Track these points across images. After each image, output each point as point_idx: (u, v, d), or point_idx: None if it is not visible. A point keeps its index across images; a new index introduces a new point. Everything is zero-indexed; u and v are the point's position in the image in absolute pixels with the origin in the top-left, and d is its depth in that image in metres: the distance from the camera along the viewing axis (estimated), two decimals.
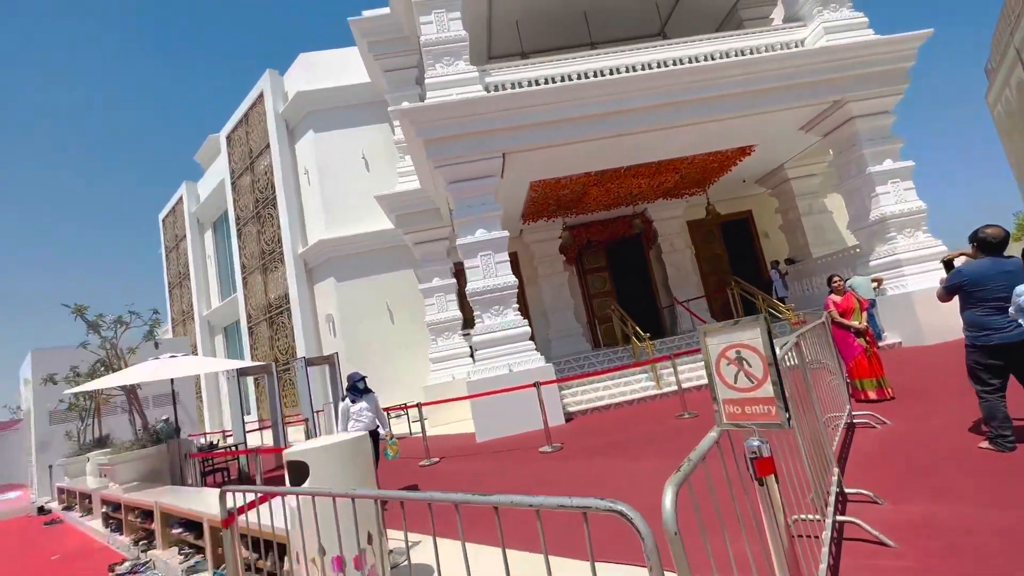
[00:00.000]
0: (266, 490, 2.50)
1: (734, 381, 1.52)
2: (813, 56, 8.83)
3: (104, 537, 6.46)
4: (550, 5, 12.09)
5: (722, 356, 1.53)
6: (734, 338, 1.51)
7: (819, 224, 12.77)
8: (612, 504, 1.09)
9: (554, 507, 1.19)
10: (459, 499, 1.44)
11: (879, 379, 5.09)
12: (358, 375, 5.47)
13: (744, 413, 1.51)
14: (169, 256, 23.84)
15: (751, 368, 1.47)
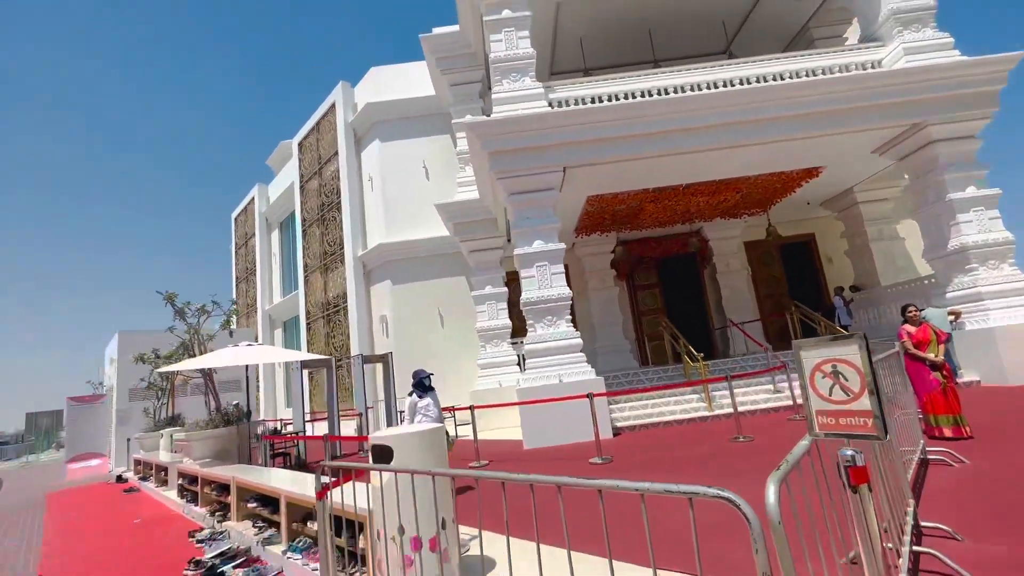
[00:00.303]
0: (361, 466, 2.74)
1: (828, 393, 1.59)
2: (892, 77, 8.53)
3: (180, 507, 7.02)
4: (615, 23, 12.26)
5: (817, 369, 1.61)
6: (831, 353, 1.58)
7: (889, 251, 12.15)
8: (720, 491, 1.20)
9: (660, 492, 1.31)
10: (562, 482, 1.58)
11: (956, 416, 4.84)
12: (424, 372, 5.70)
13: (838, 424, 1.58)
14: (238, 252, 25.50)
15: (847, 382, 1.54)
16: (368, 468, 2.69)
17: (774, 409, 8.25)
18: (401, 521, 2.74)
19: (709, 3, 11.99)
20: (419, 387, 5.58)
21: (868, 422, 1.48)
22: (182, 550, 4.96)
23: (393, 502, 2.72)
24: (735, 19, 12.72)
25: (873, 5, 9.63)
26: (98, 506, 8.61)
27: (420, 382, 5.60)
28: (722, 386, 9.05)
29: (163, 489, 8.45)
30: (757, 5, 12.25)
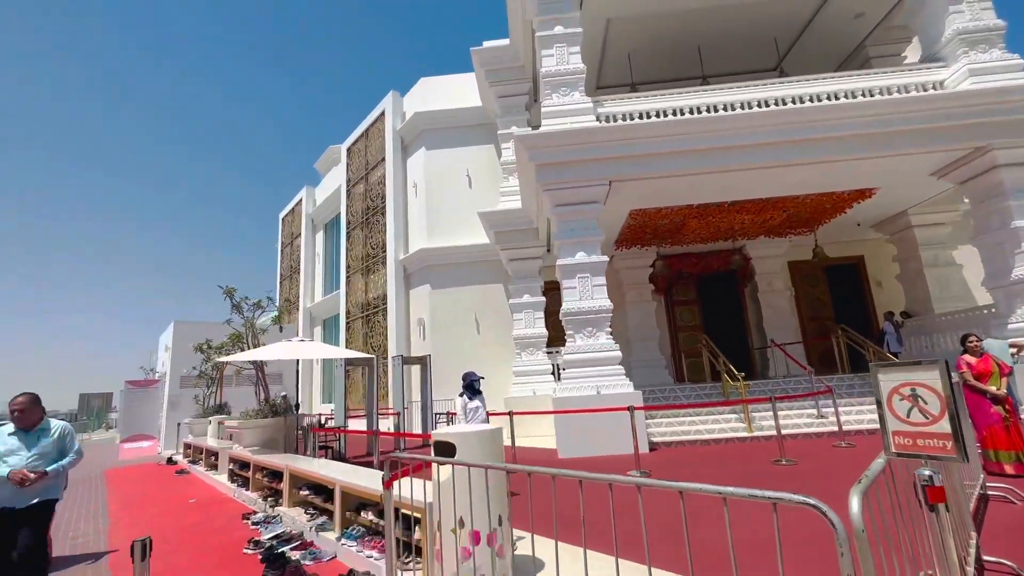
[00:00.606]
0: (428, 459, 2.92)
1: (906, 415, 1.65)
2: (957, 99, 8.28)
3: (230, 490, 7.40)
4: (664, 39, 12.32)
5: (895, 392, 1.67)
6: (911, 377, 1.64)
7: (944, 277, 11.65)
8: (805, 498, 1.29)
9: (744, 496, 1.41)
10: (641, 482, 1.69)
11: (1019, 453, 4.65)
12: (475, 375, 5.84)
13: (916, 445, 1.63)
14: (284, 251, 26.55)
15: (927, 405, 1.59)
16: (440, 461, 2.86)
17: (817, 434, 8.06)
18: (461, 515, 2.89)
19: (761, 20, 11.91)
20: (469, 389, 5.72)
21: (948, 444, 1.53)
22: (238, 530, 5.27)
23: (454, 496, 2.88)
24: (788, 36, 12.57)
25: (937, 25, 9.38)
26: (154, 485, 9.14)
27: (471, 384, 5.75)
28: (761, 407, 8.92)
29: (213, 473, 8.91)
30: (812, 23, 12.09)
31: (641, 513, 1.61)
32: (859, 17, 11.85)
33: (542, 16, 9.82)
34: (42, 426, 3.58)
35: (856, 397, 9.16)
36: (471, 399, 5.68)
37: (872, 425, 8.16)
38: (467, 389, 5.74)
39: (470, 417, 5.57)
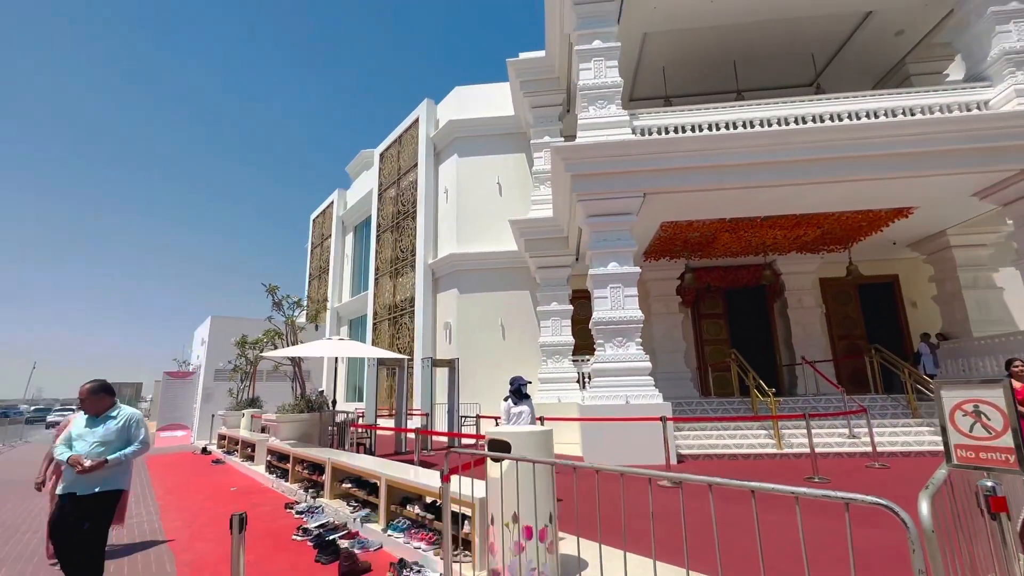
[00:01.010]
0: (487, 455, 3.09)
1: (969, 430, 1.75)
2: (1003, 119, 8.18)
3: (269, 481, 7.69)
4: (700, 53, 12.41)
5: (958, 407, 1.77)
6: (974, 394, 1.75)
7: (984, 300, 11.38)
8: (878, 499, 1.41)
9: (817, 496, 1.54)
10: (714, 481, 1.83)
11: None
12: (522, 379, 5.87)
13: (978, 458, 1.73)
14: (314, 251, 27.25)
15: (990, 421, 1.70)
16: (500, 457, 3.02)
17: (849, 454, 7.98)
18: (515, 510, 3.05)
19: (798, 36, 11.91)
20: (516, 394, 5.78)
21: (1011, 458, 1.62)
22: (283, 518, 5.51)
23: (509, 492, 3.04)
24: (826, 52, 12.53)
25: (982, 44, 9.28)
26: (192, 473, 9.52)
27: (518, 389, 5.80)
28: (791, 425, 8.87)
29: (249, 464, 9.24)
30: (851, 39, 12.03)
31: (755, 511, 1.74)
32: (900, 34, 11.76)
33: (581, 31, 10.03)
34: (110, 413, 3.50)
35: (889, 419, 9.03)
36: (516, 403, 5.74)
37: (906, 448, 8.05)
38: (514, 394, 5.80)
39: (514, 421, 5.64)
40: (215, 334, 15.76)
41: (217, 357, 15.43)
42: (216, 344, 15.66)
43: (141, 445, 3.57)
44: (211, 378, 15.69)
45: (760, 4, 10.73)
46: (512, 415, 5.70)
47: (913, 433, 8.50)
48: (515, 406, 5.74)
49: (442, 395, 12.01)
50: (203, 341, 16.21)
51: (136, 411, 3.66)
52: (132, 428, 3.55)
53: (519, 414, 5.68)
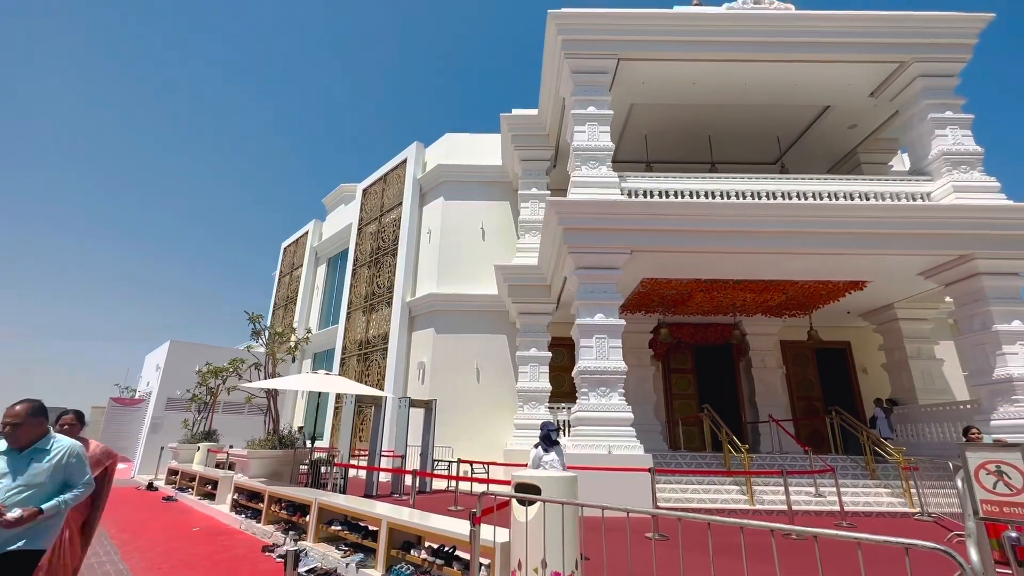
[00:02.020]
0: (519, 496, 3.16)
1: (992, 487, 2.03)
2: (943, 211, 9.27)
3: (235, 521, 7.24)
4: (680, 126, 13.51)
5: (982, 467, 2.06)
6: (995, 456, 2.04)
7: (927, 370, 12.39)
8: (935, 545, 1.63)
9: (879, 542, 1.75)
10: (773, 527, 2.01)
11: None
12: (552, 425, 5.68)
13: (1002, 512, 2.00)
14: (282, 280, 26.57)
15: (1011, 480, 1.98)
16: (531, 499, 3.10)
17: (816, 513, 8.31)
18: (543, 556, 3.12)
19: (766, 120, 13.20)
20: (545, 440, 5.57)
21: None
22: (263, 562, 5.23)
23: (538, 537, 3.12)
24: (789, 135, 13.89)
25: (924, 144, 10.60)
26: (144, 511, 8.81)
27: (547, 435, 5.59)
28: (759, 480, 9.19)
29: (209, 502, 8.66)
30: (811, 127, 13.42)
31: (818, 556, 1.92)
32: (853, 127, 13.23)
33: (577, 96, 10.80)
34: (41, 446, 2.67)
35: (850, 479, 9.50)
36: (547, 450, 5.51)
37: (867, 508, 8.48)
38: (543, 440, 5.58)
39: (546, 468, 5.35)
40: (173, 360, 14.93)
41: (173, 384, 14.56)
42: (173, 371, 14.81)
43: (84, 488, 2.75)
44: (162, 407, 14.72)
45: (734, 91, 11.91)
46: (544, 463, 5.44)
47: (873, 494, 8.98)
48: (546, 453, 5.51)
49: (414, 437, 11.73)
50: (158, 366, 15.29)
51: (75, 443, 2.83)
52: (72, 466, 2.72)
53: (550, 462, 5.45)
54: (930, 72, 10.63)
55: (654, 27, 10.81)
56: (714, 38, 10.80)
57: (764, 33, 10.76)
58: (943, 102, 10.50)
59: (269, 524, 6.53)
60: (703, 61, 11.05)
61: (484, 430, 13.52)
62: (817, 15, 10.69)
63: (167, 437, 13.90)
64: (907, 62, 10.73)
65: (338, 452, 9.12)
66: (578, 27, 10.83)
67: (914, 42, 10.63)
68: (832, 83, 11.55)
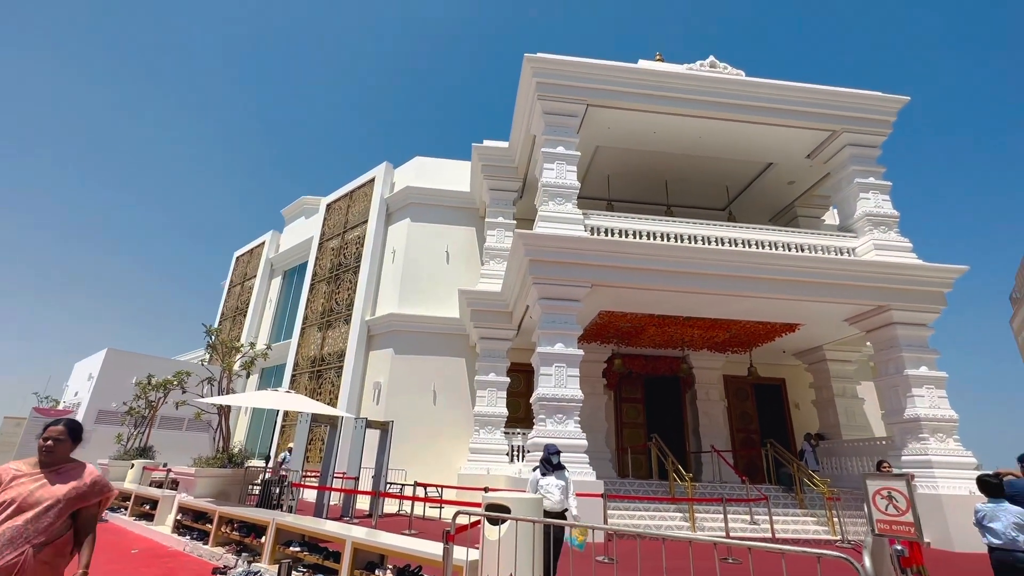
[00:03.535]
0: (489, 515, 3.40)
1: (885, 509, 2.48)
2: (863, 266, 10.42)
3: (179, 543, 6.96)
4: (640, 170, 14.45)
5: (878, 492, 2.52)
6: (887, 483, 2.51)
7: (850, 408, 13.57)
8: (840, 554, 2.03)
9: (798, 552, 2.13)
10: (718, 541, 2.37)
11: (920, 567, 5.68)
12: (554, 447, 5.26)
13: (892, 529, 2.46)
14: (232, 290, 25.58)
15: (897, 503, 2.44)
16: (512, 518, 3.36)
17: (751, 539, 8.88)
18: (511, 572, 3.37)
19: (717, 171, 14.36)
20: (545, 463, 5.16)
21: (912, 529, 2.36)
22: None
23: (508, 553, 3.37)
24: (737, 186, 15.13)
25: (851, 204, 11.89)
26: None
27: (547, 458, 5.16)
28: (701, 508, 9.75)
29: (147, 523, 8.23)
30: (756, 180, 14.70)
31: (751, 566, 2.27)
32: (791, 184, 14.61)
33: (548, 135, 11.43)
34: None
35: (782, 507, 10.22)
36: (545, 474, 5.10)
37: (796, 535, 9.16)
38: (543, 463, 5.16)
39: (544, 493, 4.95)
40: (109, 369, 14.05)
41: (107, 396, 13.67)
42: (108, 381, 13.92)
43: None
44: (92, 420, 13.76)
45: (690, 142, 12.96)
46: (541, 488, 5.01)
47: (800, 522, 9.71)
48: (543, 477, 5.09)
49: (368, 459, 11.57)
50: (91, 376, 14.33)
51: None
52: None
53: (547, 487, 5.00)
54: (857, 142, 12.04)
55: (621, 79, 11.69)
56: (674, 94, 11.79)
57: (717, 94, 11.86)
58: (867, 169, 11.89)
59: (218, 546, 6.35)
60: (663, 114, 12.01)
61: (439, 453, 13.51)
62: (763, 83, 11.91)
63: (95, 453, 12.98)
64: (838, 131, 12.10)
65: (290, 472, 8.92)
66: (552, 72, 11.55)
67: (844, 115, 12.02)
68: (775, 144, 12.80)
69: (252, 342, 9.59)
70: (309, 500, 11.28)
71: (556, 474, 5.13)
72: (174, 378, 12.02)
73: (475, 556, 3.63)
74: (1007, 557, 3.78)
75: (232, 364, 8.61)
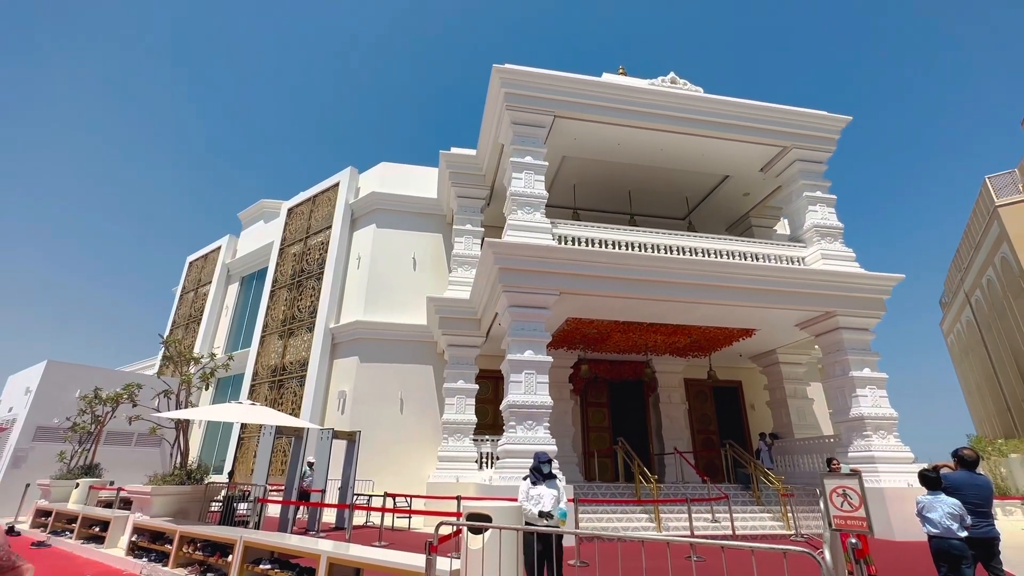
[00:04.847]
0: (472, 524, 3.46)
1: (840, 505, 2.71)
2: (811, 274, 11.08)
3: (135, 566, 6.61)
4: (604, 180, 14.85)
5: (834, 491, 2.75)
6: (842, 482, 2.74)
7: (801, 408, 14.34)
8: (804, 549, 2.22)
9: (766, 549, 2.31)
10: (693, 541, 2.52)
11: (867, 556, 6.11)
12: (545, 455, 5.10)
13: (847, 523, 2.69)
14: (184, 297, 24.42)
15: (851, 500, 2.68)
16: (495, 527, 3.43)
17: (713, 536, 9.26)
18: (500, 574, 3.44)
19: (678, 182, 14.94)
20: (536, 472, 5.01)
21: (864, 523, 2.59)
22: None
23: (491, 561, 3.44)
24: (696, 196, 15.77)
25: (800, 216, 12.63)
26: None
27: (537, 467, 5.01)
28: (665, 508, 10.07)
29: (96, 546, 7.76)
30: (713, 191, 15.37)
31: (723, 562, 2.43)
32: (746, 195, 15.36)
33: (516, 145, 11.60)
34: None
35: (740, 505, 10.69)
36: (536, 483, 4.96)
37: (754, 531, 9.61)
38: (533, 472, 5.02)
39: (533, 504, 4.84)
40: (48, 383, 13.14)
41: (47, 411, 12.79)
42: (47, 395, 13.01)
43: None
44: (29, 437, 12.81)
45: (652, 154, 13.44)
46: (531, 497, 4.88)
47: (758, 518, 10.19)
48: (533, 487, 4.95)
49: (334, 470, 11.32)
50: (28, 390, 13.36)
51: None
52: None
53: (538, 496, 4.87)
54: (805, 158, 12.81)
55: (587, 92, 12.01)
56: (637, 108, 12.20)
57: (677, 109, 12.36)
58: (815, 183, 12.67)
59: (179, 567, 6.09)
60: (627, 127, 12.41)
61: (407, 463, 13.37)
62: (720, 100, 12.52)
63: (33, 472, 12.12)
64: (788, 147, 12.84)
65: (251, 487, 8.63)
66: (520, 83, 11.73)
67: (793, 131, 12.78)
68: (731, 158, 13.45)
69: (213, 352, 9.21)
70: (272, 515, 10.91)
71: (548, 483, 4.97)
72: (124, 391, 11.38)
73: (457, 566, 3.68)
74: (943, 544, 4.17)
75: (190, 376, 8.27)
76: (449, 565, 3.60)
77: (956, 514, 4.05)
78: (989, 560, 4.40)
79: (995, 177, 21.27)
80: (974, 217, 24.12)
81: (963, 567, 4.07)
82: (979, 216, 23.24)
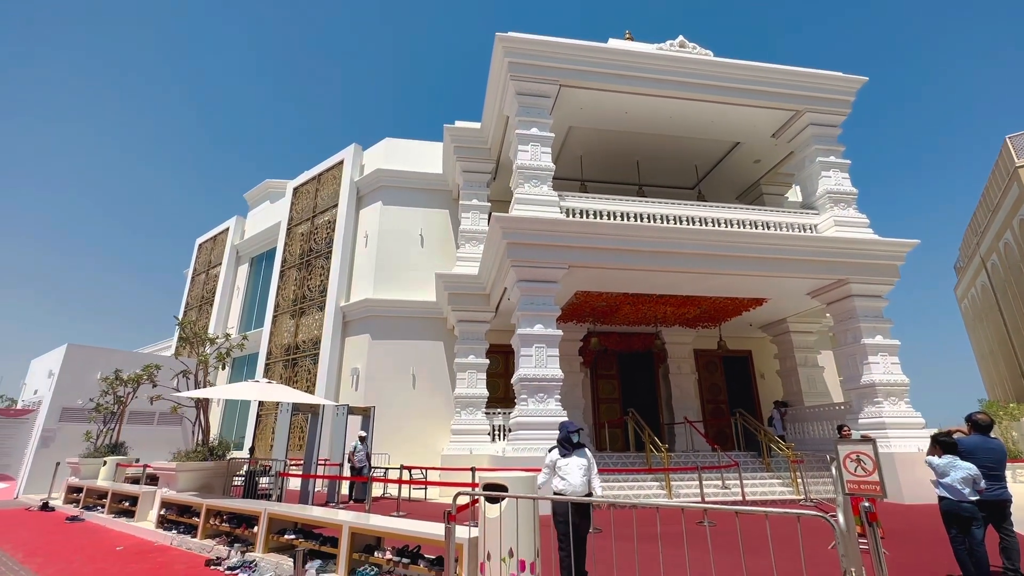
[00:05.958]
0: (489, 494, 3.54)
1: (854, 471, 2.74)
2: (824, 242, 10.92)
3: (165, 538, 6.89)
4: (612, 150, 14.58)
5: (848, 456, 2.77)
6: (856, 448, 2.76)
7: (811, 376, 14.35)
8: (817, 512, 2.25)
9: (780, 513, 2.35)
10: (708, 507, 2.57)
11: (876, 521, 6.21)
12: (573, 425, 4.81)
13: (860, 488, 2.72)
14: (196, 279, 24.69)
15: (865, 464, 2.70)
16: (511, 496, 3.51)
17: (723, 502, 9.42)
18: (513, 546, 3.54)
19: (687, 150, 14.63)
20: (565, 443, 4.69)
21: (877, 488, 2.62)
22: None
23: (508, 530, 3.54)
24: (706, 165, 15.47)
25: (813, 182, 12.37)
26: (49, 533, 8.02)
27: (567, 436, 4.69)
28: (676, 476, 10.24)
29: (128, 520, 8.09)
30: (723, 159, 15.06)
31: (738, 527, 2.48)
32: (757, 162, 15.03)
33: (521, 117, 11.38)
34: None
35: (750, 472, 10.83)
36: (565, 454, 4.63)
37: (764, 496, 9.77)
38: (562, 443, 4.70)
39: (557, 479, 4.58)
40: (70, 365, 13.48)
41: (70, 393, 13.15)
42: (70, 377, 13.37)
43: None
44: (55, 418, 13.23)
45: (660, 122, 13.13)
46: (559, 469, 4.60)
47: (768, 485, 10.34)
48: (563, 458, 4.63)
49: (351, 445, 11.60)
50: (51, 373, 13.72)
51: None
52: None
53: (566, 467, 4.56)
54: (818, 121, 12.46)
55: (593, 59, 11.68)
56: (644, 75, 11.87)
57: (686, 75, 12.01)
58: (828, 147, 12.35)
59: (207, 538, 6.34)
60: (634, 94, 12.10)
61: (420, 436, 13.65)
62: (731, 63, 12.13)
63: (61, 451, 12.55)
64: (801, 111, 12.48)
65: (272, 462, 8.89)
66: (523, 51, 11.43)
67: (806, 94, 12.39)
68: (742, 123, 13.11)
69: (228, 333, 9.37)
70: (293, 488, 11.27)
71: (577, 453, 4.64)
72: (144, 372, 11.66)
73: (475, 534, 3.79)
74: (954, 507, 4.21)
75: (207, 356, 8.42)
76: (468, 533, 3.71)
77: (969, 478, 4.07)
78: (1001, 522, 4.44)
79: (1016, 137, 20.58)
80: (993, 179, 23.47)
81: (973, 528, 4.13)
82: (998, 177, 22.61)
